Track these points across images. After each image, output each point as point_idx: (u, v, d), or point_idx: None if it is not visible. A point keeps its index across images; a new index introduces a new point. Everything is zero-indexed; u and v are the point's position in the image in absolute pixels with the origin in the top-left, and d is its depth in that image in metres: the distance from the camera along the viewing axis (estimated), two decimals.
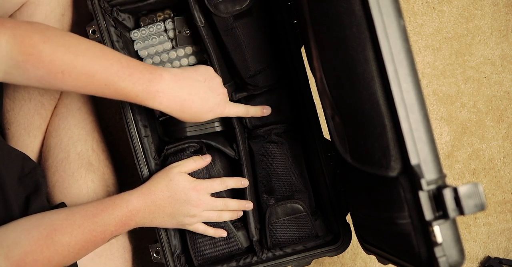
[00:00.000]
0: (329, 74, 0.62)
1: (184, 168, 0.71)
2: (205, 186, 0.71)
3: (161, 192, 0.68)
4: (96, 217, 0.62)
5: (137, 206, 0.66)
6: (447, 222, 0.50)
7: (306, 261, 0.77)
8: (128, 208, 0.65)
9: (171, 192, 0.68)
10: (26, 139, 0.74)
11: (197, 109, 0.67)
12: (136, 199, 0.66)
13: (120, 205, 0.64)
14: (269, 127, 0.80)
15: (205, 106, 0.67)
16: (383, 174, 0.54)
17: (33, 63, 0.54)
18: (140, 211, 0.66)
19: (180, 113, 0.65)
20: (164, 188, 0.68)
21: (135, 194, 0.67)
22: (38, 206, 0.66)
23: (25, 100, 0.72)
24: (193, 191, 0.69)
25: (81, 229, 0.60)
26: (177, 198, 0.68)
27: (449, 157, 1.00)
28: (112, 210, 0.63)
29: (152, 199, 0.67)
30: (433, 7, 1.00)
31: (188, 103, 0.65)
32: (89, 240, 0.61)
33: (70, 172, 0.73)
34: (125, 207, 0.65)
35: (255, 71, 0.76)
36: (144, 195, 0.67)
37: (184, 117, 0.67)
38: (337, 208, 0.78)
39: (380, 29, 0.50)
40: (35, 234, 0.57)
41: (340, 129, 0.64)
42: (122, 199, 0.65)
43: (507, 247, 1.01)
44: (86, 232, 0.61)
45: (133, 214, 0.65)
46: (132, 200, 0.66)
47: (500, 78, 1.01)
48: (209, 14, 0.72)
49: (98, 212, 0.62)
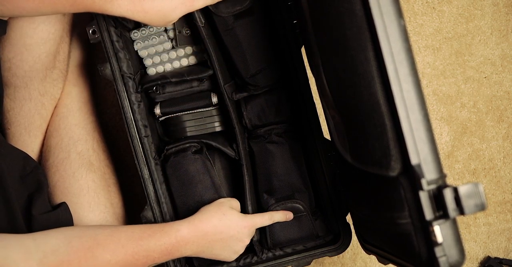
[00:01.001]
0: (329, 74, 0.62)
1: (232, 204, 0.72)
2: (255, 223, 0.71)
3: (214, 227, 0.66)
4: (142, 240, 0.60)
5: (186, 237, 0.64)
6: (447, 222, 0.50)
7: (306, 261, 0.77)
8: (176, 238, 0.63)
9: (224, 227, 0.67)
10: (26, 138, 0.74)
11: (161, 8, 0.62)
12: (186, 230, 0.64)
13: (169, 233, 0.63)
14: (269, 128, 0.80)
15: (168, 3, 0.63)
16: (384, 173, 0.54)
17: None
18: (189, 243, 0.64)
19: (143, 14, 0.62)
20: (218, 222, 0.66)
21: (185, 224, 0.65)
22: (41, 205, 0.66)
23: (25, 100, 0.72)
24: (245, 228, 0.69)
25: (124, 249, 0.58)
26: (230, 234, 0.67)
27: (449, 157, 1.00)
28: (159, 236, 0.62)
29: (204, 232, 0.65)
30: (433, 7, 1.00)
31: (149, 3, 0.61)
32: (129, 262, 0.59)
33: (71, 172, 0.73)
34: (173, 236, 0.63)
35: (255, 71, 0.76)
36: (196, 227, 0.65)
37: (150, 20, 0.63)
38: (337, 208, 0.78)
39: (381, 29, 0.50)
40: (76, 244, 0.56)
41: (340, 129, 0.64)
42: (172, 227, 0.63)
43: (507, 247, 1.01)
44: (128, 254, 0.59)
45: (180, 245, 0.63)
46: (182, 230, 0.63)
47: (500, 78, 1.01)
48: (209, 13, 0.72)
49: (145, 236, 0.61)
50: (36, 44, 0.68)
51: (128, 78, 0.73)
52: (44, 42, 0.69)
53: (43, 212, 0.66)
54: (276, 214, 0.74)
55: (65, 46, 0.73)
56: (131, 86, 0.73)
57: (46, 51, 0.68)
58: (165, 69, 0.79)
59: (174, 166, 0.75)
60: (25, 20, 0.67)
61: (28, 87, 0.71)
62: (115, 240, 0.58)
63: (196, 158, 0.76)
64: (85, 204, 0.73)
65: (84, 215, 0.73)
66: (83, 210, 0.73)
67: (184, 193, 0.75)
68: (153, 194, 0.74)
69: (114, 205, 0.77)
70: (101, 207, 0.74)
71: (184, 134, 0.80)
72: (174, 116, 0.80)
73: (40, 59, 0.68)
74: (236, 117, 0.77)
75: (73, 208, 0.72)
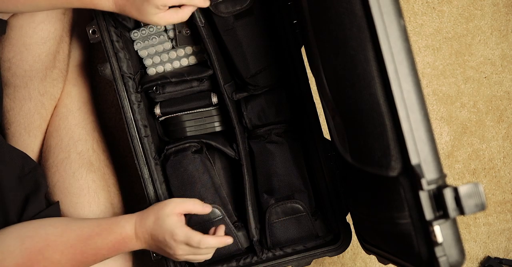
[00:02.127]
0: (329, 74, 0.62)
1: (179, 208, 0.66)
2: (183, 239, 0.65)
3: (149, 227, 0.66)
4: (90, 239, 0.63)
5: (130, 234, 0.65)
6: (448, 221, 0.50)
7: (306, 261, 0.77)
8: (121, 235, 0.64)
9: (154, 230, 0.66)
10: (26, 138, 0.74)
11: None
12: (130, 227, 0.65)
13: (115, 231, 0.64)
14: (269, 127, 0.80)
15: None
16: (384, 173, 0.54)
17: None
18: (133, 239, 0.65)
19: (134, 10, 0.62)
20: (151, 224, 0.66)
21: (131, 221, 0.66)
22: (34, 206, 0.66)
23: (25, 100, 0.72)
24: (171, 239, 0.65)
25: (73, 249, 0.61)
26: (159, 239, 0.65)
27: (449, 157, 1.00)
28: (106, 235, 0.64)
29: (144, 230, 0.66)
30: (433, 7, 1.00)
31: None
32: (79, 260, 0.62)
33: (71, 172, 0.73)
34: (119, 233, 0.64)
35: (255, 71, 0.76)
36: (137, 225, 0.66)
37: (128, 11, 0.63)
38: (337, 208, 0.78)
39: (380, 29, 0.50)
40: (28, 245, 0.59)
41: (340, 129, 0.64)
42: (118, 224, 0.65)
43: (507, 247, 1.01)
44: (77, 253, 0.62)
45: (125, 241, 0.65)
46: (126, 228, 0.65)
47: (500, 78, 1.01)
48: (210, 14, 0.72)
49: (93, 235, 0.63)
50: (36, 43, 0.68)
51: (128, 78, 0.73)
52: (44, 41, 0.68)
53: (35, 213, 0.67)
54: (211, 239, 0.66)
55: (65, 46, 0.73)
56: (131, 86, 0.73)
57: (46, 51, 0.68)
58: (165, 69, 0.79)
59: (174, 166, 0.75)
60: (25, 20, 0.67)
61: (28, 87, 0.71)
62: (64, 241, 0.61)
63: (196, 157, 0.76)
64: (86, 203, 0.73)
65: (85, 215, 0.73)
66: (84, 210, 0.73)
67: (184, 192, 0.75)
68: (153, 193, 0.74)
69: (114, 205, 0.77)
70: (101, 207, 0.74)
71: (184, 134, 0.80)
72: (174, 116, 0.80)
73: (40, 58, 0.68)
74: (236, 117, 0.77)
75: (73, 207, 0.72)
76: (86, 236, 0.63)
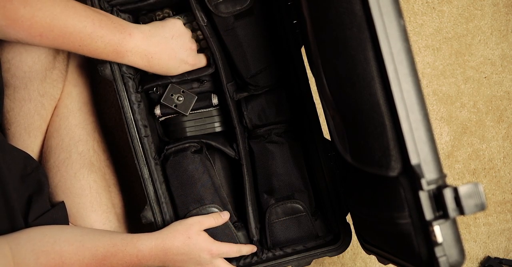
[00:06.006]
0: (329, 74, 0.62)
1: (203, 225, 0.71)
2: (221, 252, 0.71)
3: (176, 248, 0.68)
4: (105, 260, 0.63)
5: (147, 255, 0.66)
6: (447, 222, 0.50)
7: (306, 261, 0.77)
8: (138, 257, 0.65)
9: (186, 250, 0.68)
10: (26, 139, 0.74)
11: (164, 65, 0.70)
12: (148, 249, 0.66)
13: (131, 253, 0.65)
14: (269, 127, 0.80)
15: (171, 62, 0.71)
16: (383, 173, 0.54)
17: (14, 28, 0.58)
18: (150, 259, 0.66)
19: (148, 68, 0.70)
20: (180, 245, 0.68)
21: (147, 243, 0.66)
22: (39, 206, 0.66)
23: (25, 100, 0.72)
24: (207, 254, 0.69)
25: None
26: (191, 257, 0.68)
27: (449, 157, 1.00)
28: (122, 256, 0.64)
29: (165, 252, 0.67)
30: (433, 7, 1.00)
31: (155, 60, 0.69)
32: None
33: (72, 172, 0.73)
34: (135, 255, 0.65)
35: (255, 71, 0.76)
36: (157, 246, 0.67)
37: (153, 72, 0.71)
38: (337, 208, 0.78)
39: (380, 29, 0.50)
40: (43, 261, 0.59)
41: (340, 129, 0.64)
42: (135, 246, 0.66)
43: (507, 247, 1.01)
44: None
45: (141, 262, 0.66)
46: (144, 250, 0.66)
47: (500, 78, 1.01)
48: (210, 14, 0.72)
49: (108, 256, 0.64)
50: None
51: (128, 78, 0.73)
52: None
53: (41, 213, 0.67)
54: (245, 247, 0.75)
55: None
56: (131, 86, 0.73)
57: (46, 52, 0.68)
58: None
59: (174, 166, 0.75)
60: None
61: (28, 88, 0.71)
62: (79, 259, 0.62)
63: (196, 157, 0.76)
64: (88, 204, 0.73)
65: (87, 215, 0.73)
66: (86, 210, 0.73)
67: (184, 192, 0.75)
68: (153, 194, 0.74)
69: (115, 205, 0.77)
70: (103, 207, 0.74)
71: (184, 134, 0.80)
72: (174, 116, 0.80)
73: (40, 59, 0.68)
74: (236, 117, 0.77)
75: (75, 208, 0.72)
76: (101, 257, 0.63)
